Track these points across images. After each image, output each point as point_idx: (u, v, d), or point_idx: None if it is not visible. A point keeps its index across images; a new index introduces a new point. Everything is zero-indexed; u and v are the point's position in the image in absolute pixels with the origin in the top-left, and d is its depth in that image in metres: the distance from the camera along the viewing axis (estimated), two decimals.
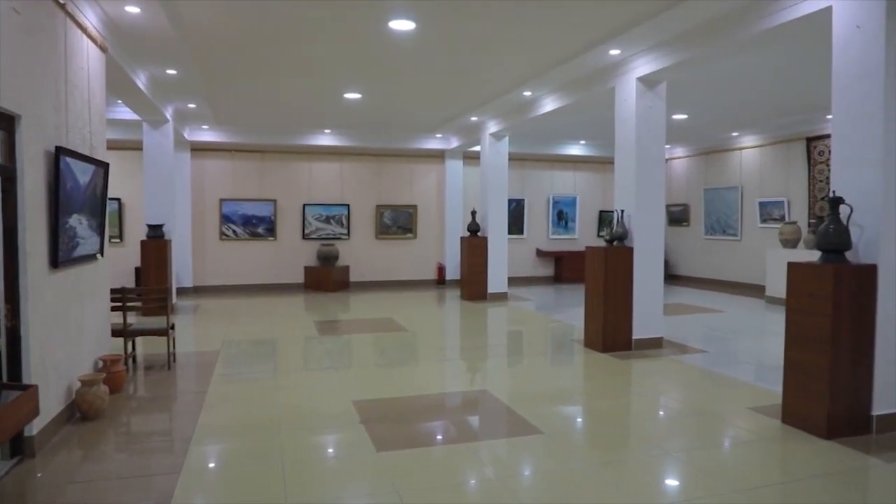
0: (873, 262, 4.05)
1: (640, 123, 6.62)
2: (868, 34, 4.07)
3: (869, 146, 4.06)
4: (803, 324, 4.18)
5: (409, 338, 7.77)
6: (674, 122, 10.67)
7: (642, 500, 3.17)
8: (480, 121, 10.96)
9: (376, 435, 4.09)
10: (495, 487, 3.35)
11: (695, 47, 5.75)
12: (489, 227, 11.09)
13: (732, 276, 12.90)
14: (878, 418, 4.10)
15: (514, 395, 5.21)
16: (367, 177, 13.33)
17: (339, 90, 8.52)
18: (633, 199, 6.65)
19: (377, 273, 13.38)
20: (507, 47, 6.51)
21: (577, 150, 13.90)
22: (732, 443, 4.14)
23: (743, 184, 12.60)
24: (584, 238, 14.52)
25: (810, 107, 9.63)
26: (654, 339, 6.79)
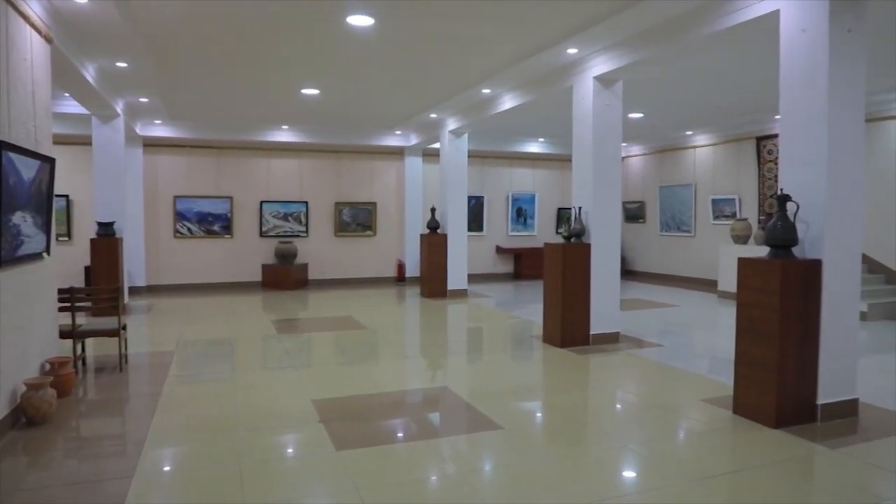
0: (818, 257, 4.20)
1: (597, 122, 6.71)
2: (812, 38, 4.21)
3: (813, 146, 4.20)
4: (753, 317, 4.31)
5: (368, 336, 7.73)
6: (630, 120, 10.86)
7: (601, 493, 3.23)
8: (440, 118, 10.97)
9: (336, 434, 4.06)
10: (456, 484, 3.36)
11: (650, 48, 5.86)
12: (449, 225, 11.10)
13: (687, 272, 13.22)
14: (822, 407, 4.25)
15: (475, 392, 5.24)
16: (326, 174, 13.19)
17: (296, 86, 8.40)
18: (590, 196, 6.74)
19: (336, 271, 13.27)
20: (465, 45, 6.52)
21: (536, 148, 14.03)
22: (686, 434, 4.25)
23: (696, 181, 12.92)
24: (543, 235, 14.67)
25: (760, 107, 9.92)
26: (612, 334, 6.90)
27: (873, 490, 3.32)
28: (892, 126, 9.27)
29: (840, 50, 4.15)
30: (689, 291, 11.84)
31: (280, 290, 12.13)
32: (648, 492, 3.29)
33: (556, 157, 14.62)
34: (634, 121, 11.04)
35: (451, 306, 10.18)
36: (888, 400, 4.76)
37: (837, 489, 3.33)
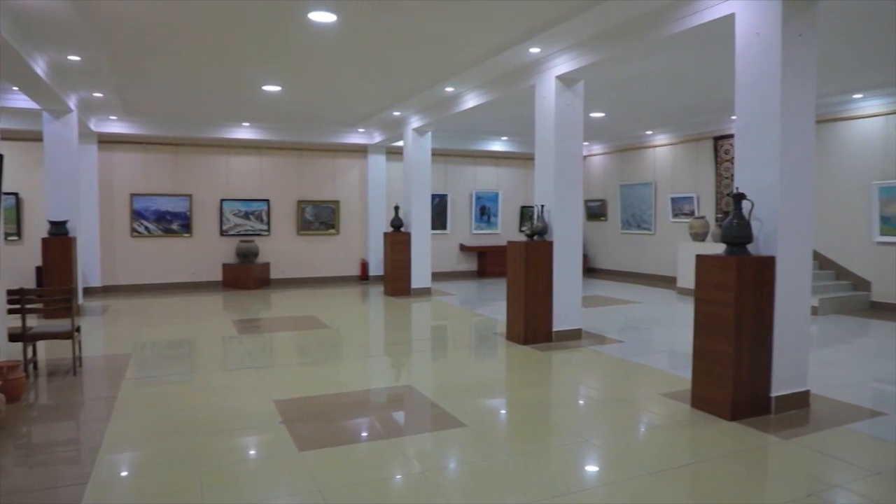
0: (772, 254, 4.32)
1: (559, 121, 6.78)
2: (766, 41, 4.33)
3: (768, 146, 4.32)
4: (710, 313, 4.41)
5: (331, 335, 7.67)
6: (591, 119, 11.01)
7: (562, 487, 3.26)
8: (403, 116, 10.93)
9: (298, 434, 4.02)
10: (420, 482, 3.36)
11: (610, 48, 5.94)
12: (412, 223, 11.09)
13: (647, 269, 13.46)
14: (776, 399, 4.38)
15: (438, 390, 5.25)
16: (288, 171, 13.03)
17: (257, 82, 8.28)
18: (552, 194, 6.81)
19: (299, 270, 13.13)
20: (428, 43, 6.51)
21: (500, 146, 14.11)
22: (646, 428, 4.33)
23: (656, 180, 13.16)
24: (506, 233, 14.77)
25: (717, 108, 10.16)
26: (574, 331, 6.99)
27: (823, 478, 3.43)
28: (840, 127, 9.59)
29: (792, 54, 4.28)
30: (649, 288, 12.06)
31: (241, 289, 11.94)
32: (609, 485, 3.34)
33: (519, 156, 14.72)
34: (596, 120, 11.19)
35: (415, 305, 10.17)
36: (838, 391, 4.93)
37: (790, 478, 3.43)
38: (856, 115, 9.37)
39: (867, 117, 9.25)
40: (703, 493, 3.28)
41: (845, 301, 9.06)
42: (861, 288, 9.38)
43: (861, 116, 9.32)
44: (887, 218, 8.97)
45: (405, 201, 11.35)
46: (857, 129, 9.40)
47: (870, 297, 9.27)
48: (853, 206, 9.41)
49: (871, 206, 9.15)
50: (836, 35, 6.08)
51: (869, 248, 9.27)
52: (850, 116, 9.44)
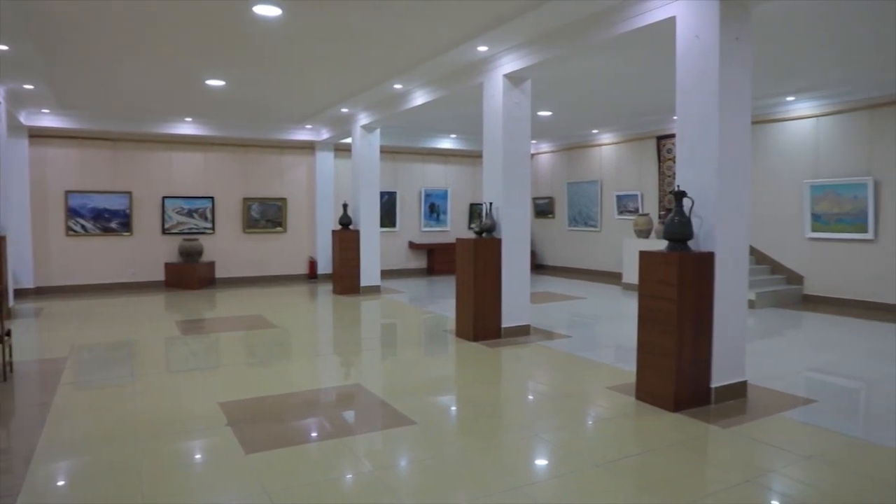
0: (711, 249, 4.47)
1: (506, 119, 6.84)
2: (705, 44, 4.47)
3: (706, 146, 4.46)
4: (653, 308, 4.54)
5: (279, 334, 7.55)
6: (539, 118, 11.15)
7: (513, 482, 3.30)
8: (351, 112, 10.84)
9: (245, 436, 3.94)
10: (370, 480, 3.34)
11: (556, 48, 6.03)
12: (361, 220, 11.01)
13: (593, 265, 13.74)
14: (715, 390, 4.54)
15: (388, 388, 5.23)
16: (233, 168, 12.75)
17: (200, 76, 8.06)
18: (500, 191, 6.87)
19: (245, 269, 12.87)
20: (376, 39, 6.47)
21: (449, 144, 14.15)
22: (593, 421, 4.42)
23: (602, 178, 13.44)
24: (455, 230, 14.82)
25: (660, 108, 10.43)
26: (522, 327, 7.07)
27: (760, 464, 3.57)
28: (774, 128, 10.00)
29: (729, 56, 4.43)
30: (595, 284, 12.30)
31: (185, 289, 11.62)
32: (557, 478, 3.40)
33: (468, 154, 14.79)
34: (543, 119, 11.34)
35: (365, 303, 10.10)
36: (773, 381, 5.14)
37: (729, 465, 3.57)
38: (788, 117, 9.78)
39: (799, 119, 9.67)
40: (647, 482, 3.37)
41: (780, 294, 9.45)
42: (794, 282, 9.81)
43: (793, 118, 9.73)
44: (818, 215, 9.40)
45: (354, 199, 11.26)
46: (789, 130, 9.82)
47: (802, 290, 9.70)
48: (787, 204, 9.83)
49: (802, 204, 9.57)
50: (770, 40, 6.32)
51: (801, 243, 9.70)
52: (784, 118, 9.84)
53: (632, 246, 11.21)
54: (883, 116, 8.67)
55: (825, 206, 9.30)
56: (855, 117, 8.99)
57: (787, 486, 3.26)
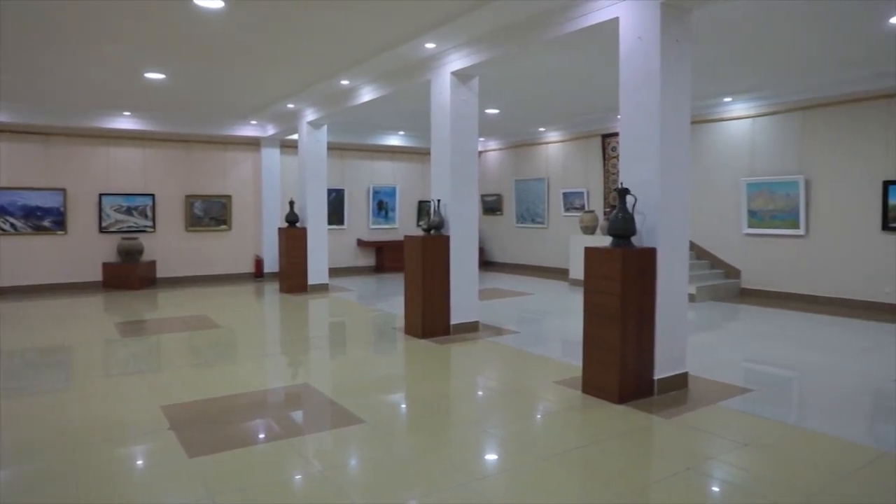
0: (654, 245, 4.60)
1: (454, 116, 6.86)
2: (647, 45, 4.58)
3: (648, 144, 4.58)
4: (598, 302, 4.63)
5: (224, 335, 7.38)
6: (487, 116, 11.23)
7: (463, 478, 3.32)
8: (297, 108, 10.67)
9: (188, 440, 3.83)
10: (319, 481, 3.30)
11: (503, 46, 6.08)
12: (308, 218, 10.86)
13: (541, 262, 13.94)
14: (658, 382, 4.67)
15: (337, 387, 5.19)
16: (175, 164, 12.37)
17: (138, 69, 7.78)
18: (448, 189, 6.88)
19: (188, 268, 12.52)
20: (322, 34, 6.39)
21: (397, 141, 14.10)
22: (541, 415, 4.48)
23: (549, 175, 13.63)
24: (404, 228, 14.79)
25: (605, 107, 10.65)
26: (471, 324, 7.11)
27: (700, 451, 3.70)
28: (712, 128, 10.35)
29: (670, 58, 4.55)
30: (543, 280, 12.48)
31: (124, 289, 11.22)
32: (506, 472, 3.44)
33: (416, 151, 14.77)
34: (491, 116, 11.42)
35: (312, 301, 9.98)
36: (712, 371, 5.33)
37: (671, 454, 3.68)
38: (726, 118, 10.14)
39: (736, 119, 10.03)
40: (594, 473, 3.44)
41: (719, 288, 9.80)
42: (732, 276, 10.18)
43: (731, 118, 10.09)
44: (754, 212, 9.79)
45: (301, 196, 11.09)
46: (727, 130, 10.18)
47: (740, 284, 10.08)
48: (725, 201, 10.19)
49: (740, 201, 9.94)
50: (708, 43, 6.53)
51: (739, 239, 10.07)
52: (721, 118, 10.20)
53: (578, 242, 11.42)
54: (813, 118, 9.09)
55: (760, 203, 9.69)
56: (787, 118, 9.39)
57: (726, 473, 3.39)
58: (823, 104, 8.91)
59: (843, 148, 8.75)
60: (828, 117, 8.92)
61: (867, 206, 8.52)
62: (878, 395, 4.82)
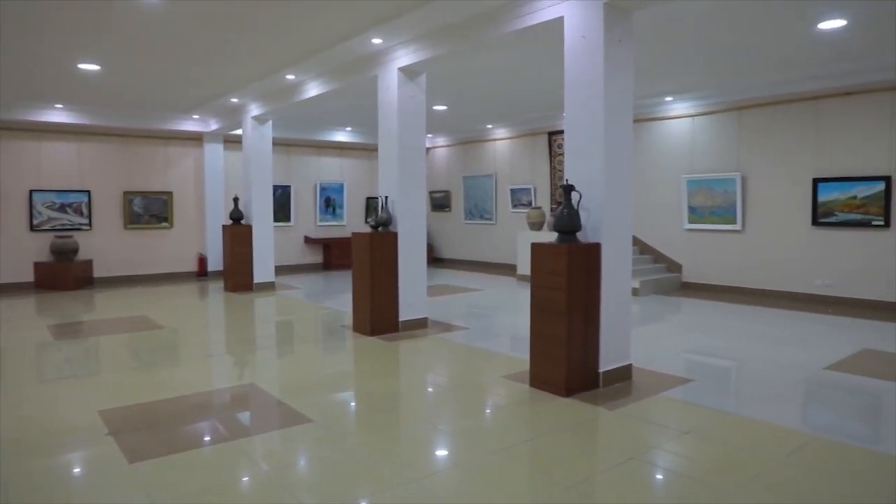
0: (598, 240, 4.69)
1: (401, 112, 6.83)
2: (591, 44, 4.66)
3: (593, 141, 4.66)
4: (545, 297, 4.70)
5: (166, 335, 7.16)
6: (435, 112, 11.23)
7: (413, 474, 3.31)
8: (241, 103, 10.43)
9: (128, 445, 3.70)
10: (266, 482, 3.25)
11: (449, 43, 6.08)
12: (253, 215, 10.64)
13: (489, 258, 14.04)
14: (603, 374, 4.77)
15: (284, 387, 5.11)
16: (113, 160, 11.92)
17: (71, 59, 7.45)
18: (396, 185, 6.86)
19: (128, 267, 12.09)
20: (266, 27, 6.25)
21: (344, 137, 13.95)
22: (490, 409, 4.52)
23: (497, 172, 13.74)
24: (352, 224, 14.66)
25: (551, 105, 10.79)
26: (420, 320, 7.11)
27: (643, 441, 3.80)
28: (654, 126, 10.63)
29: (613, 57, 4.65)
30: (492, 276, 12.58)
31: (58, 290, 10.76)
32: (455, 467, 3.46)
33: (364, 147, 14.65)
34: (439, 113, 11.42)
35: (258, 300, 9.79)
36: (655, 363, 5.48)
37: (616, 444, 3.77)
38: (667, 116, 10.43)
39: (676, 118, 10.33)
40: (541, 465, 3.50)
41: (661, 282, 10.08)
42: (674, 270, 10.49)
43: (671, 117, 10.39)
44: (694, 208, 10.10)
45: (245, 192, 10.86)
46: (668, 129, 10.47)
47: (681, 278, 10.39)
48: (666, 197, 10.48)
49: (680, 198, 10.25)
50: (649, 43, 6.70)
51: (680, 234, 10.39)
52: (663, 117, 10.48)
53: (525, 238, 11.55)
54: (749, 117, 9.44)
55: (700, 200, 10.01)
56: (725, 118, 9.72)
57: (668, 461, 3.49)
58: (758, 104, 9.27)
59: (777, 147, 9.12)
60: (762, 117, 9.28)
61: (799, 202, 8.91)
62: (809, 383, 5.06)
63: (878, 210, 8.13)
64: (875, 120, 8.14)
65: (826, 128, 8.60)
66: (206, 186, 12.75)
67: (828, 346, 6.18)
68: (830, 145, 8.57)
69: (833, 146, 8.54)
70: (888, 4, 5.57)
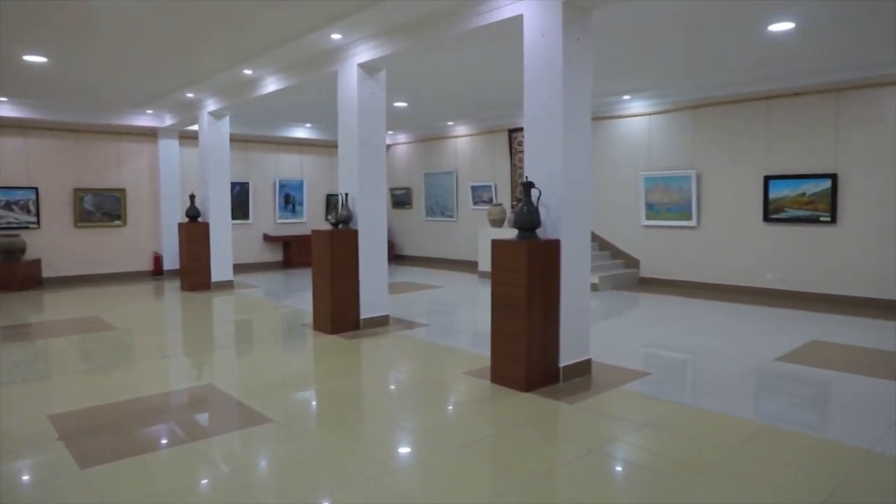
0: (557, 237, 4.74)
1: (361, 109, 6.78)
2: (550, 42, 4.70)
3: (552, 139, 4.71)
4: (505, 294, 4.73)
5: (120, 337, 6.97)
6: (395, 109, 11.18)
7: (375, 471, 3.30)
8: (197, 98, 10.21)
9: (80, 451, 3.60)
10: (225, 484, 3.19)
11: (409, 40, 6.07)
12: (211, 212, 10.44)
13: (451, 255, 14.07)
14: (563, 369, 4.83)
15: (243, 387, 5.03)
16: (62, 156, 11.53)
17: (16, 51, 7.16)
18: (356, 182, 6.81)
19: (79, 266, 11.72)
20: (222, 21, 6.13)
21: (304, 133, 13.79)
22: (452, 405, 4.53)
23: (458, 169, 13.76)
24: (312, 222, 14.51)
25: (511, 102, 10.84)
26: (381, 318, 7.08)
27: (602, 434, 3.86)
28: (612, 125, 10.79)
29: (572, 55, 4.70)
30: (453, 273, 12.60)
31: (5, 291, 10.36)
32: (417, 464, 3.46)
33: (324, 143, 14.51)
34: (399, 109, 11.38)
35: (216, 299, 9.61)
36: (614, 357, 5.58)
37: (576, 437, 3.82)
38: (625, 115, 10.61)
39: (634, 116, 10.51)
40: (503, 460, 3.52)
41: (620, 278, 10.25)
42: (632, 266, 10.68)
43: (629, 115, 10.56)
44: (651, 204, 10.30)
45: (202, 189, 10.64)
46: (626, 127, 10.65)
47: (639, 273, 10.59)
48: (624, 194, 10.66)
49: (638, 194, 10.44)
50: (608, 43, 6.79)
51: (637, 230, 10.58)
52: (621, 115, 10.65)
53: (486, 235, 11.59)
54: (703, 116, 9.67)
55: (657, 197, 10.21)
56: (680, 116, 9.93)
57: (627, 452, 3.56)
58: (712, 104, 9.50)
59: (730, 145, 9.36)
60: (716, 116, 9.51)
61: (751, 199, 9.17)
62: (761, 374, 5.21)
63: (825, 207, 8.42)
64: (822, 119, 8.43)
65: (777, 127, 8.87)
66: (161, 183, 12.44)
67: (778, 339, 6.39)
68: (781, 144, 8.84)
69: (783, 145, 8.81)
70: (834, 8, 5.77)
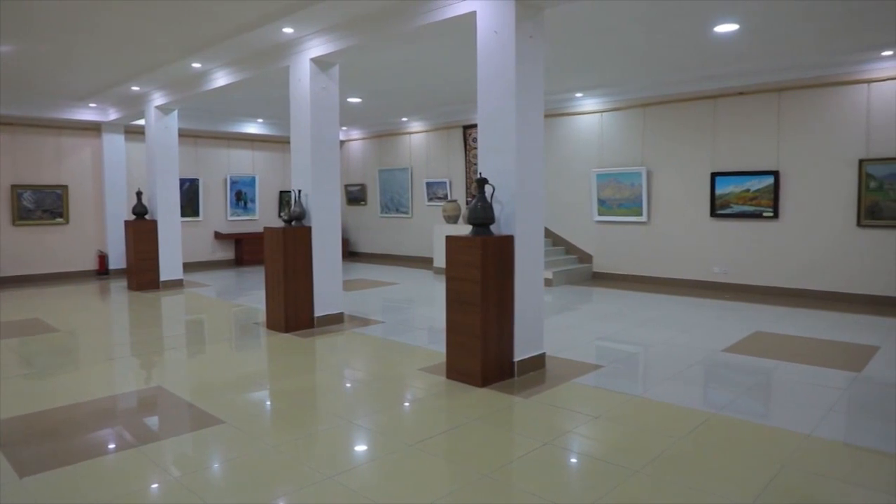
0: (511, 233, 4.78)
1: (314, 104, 6.70)
2: (503, 40, 4.73)
3: (505, 135, 4.74)
4: (460, 290, 4.74)
5: (63, 339, 6.72)
6: (349, 104, 11.08)
7: (330, 470, 3.27)
8: (143, 91, 9.91)
9: (19, 458, 3.45)
10: (175, 488, 3.11)
11: (362, 35, 6.01)
12: (158, 210, 10.16)
13: (406, 251, 14.04)
14: (518, 363, 4.88)
15: (194, 388, 4.92)
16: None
17: None
18: (309, 178, 6.73)
19: (17, 266, 11.24)
20: (167, 11, 5.96)
21: (256, 129, 13.55)
22: (407, 402, 4.53)
23: (412, 165, 13.74)
24: (264, 219, 14.28)
25: (465, 98, 10.87)
26: (336, 315, 7.02)
27: (557, 427, 3.91)
28: (565, 122, 10.93)
29: (524, 53, 4.73)
30: (408, 269, 12.58)
31: None
32: (373, 461, 3.44)
33: (276, 139, 14.28)
34: (353, 105, 11.28)
35: (166, 298, 9.36)
36: (568, 351, 5.66)
37: (530, 431, 3.86)
38: (577, 112, 10.76)
39: (586, 114, 10.67)
40: (458, 455, 3.54)
41: (573, 273, 10.41)
42: (585, 261, 10.86)
43: (581, 113, 10.72)
44: (603, 200, 10.48)
45: (149, 186, 10.35)
46: (578, 124, 10.80)
47: (592, 268, 10.77)
48: (578, 190, 10.82)
49: (591, 191, 10.61)
50: (560, 41, 6.87)
51: (590, 226, 10.75)
52: (573, 112, 10.80)
53: (441, 231, 11.62)
54: (653, 114, 9.88)
55: (609, 193, 10.39)
56: (631, 114, 10.13)
57: (580, 444, 3.62)
58: (661, 102, 9.72)
59: (678, 142, 9.60)
60: (664, 114, 9.74)
61: (698, 195, 9.42)
62: (707, 365, 5.37)
63: (768, 202, 8.72)
64: (765, 118, 8.72)
65: (723, 125, 9.14)
66: (106, 180, 12.03)
67: (724, 330, 6.59)
68: (726, 141, 9.11)
69: (729, 142, 9.09)
70: (775, 10, 5.97)
